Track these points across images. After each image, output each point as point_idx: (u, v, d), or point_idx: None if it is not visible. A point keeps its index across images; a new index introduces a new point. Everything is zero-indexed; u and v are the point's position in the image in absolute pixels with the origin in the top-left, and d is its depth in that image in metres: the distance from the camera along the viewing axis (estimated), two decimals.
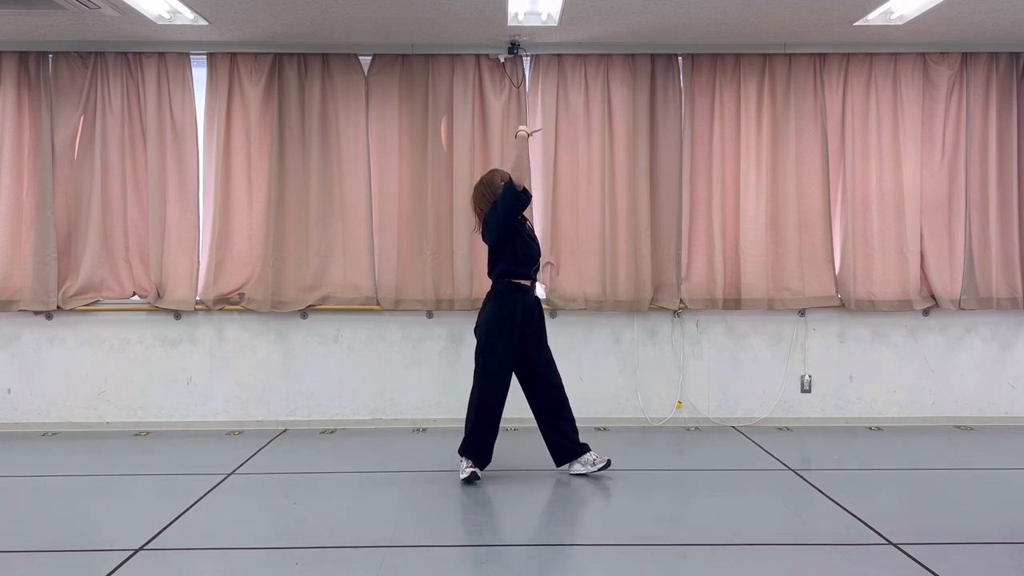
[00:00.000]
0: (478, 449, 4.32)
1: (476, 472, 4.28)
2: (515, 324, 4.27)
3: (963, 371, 5.64)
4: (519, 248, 4.29)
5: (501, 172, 4.43)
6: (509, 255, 4.29)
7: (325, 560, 3.30)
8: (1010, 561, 3.26)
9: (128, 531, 3.61)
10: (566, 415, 4.43)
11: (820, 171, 5.48)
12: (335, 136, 5.49)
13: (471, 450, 4.33)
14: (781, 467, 4.61)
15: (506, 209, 4.21)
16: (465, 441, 4.37)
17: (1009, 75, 5.54)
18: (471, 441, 4.33)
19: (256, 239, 5.45)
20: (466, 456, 4.34)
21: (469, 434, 4.35)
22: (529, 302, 4.36)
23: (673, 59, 5.52)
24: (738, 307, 5.51)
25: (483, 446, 4.33)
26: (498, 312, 4.28)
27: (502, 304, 4.29)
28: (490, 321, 4.30)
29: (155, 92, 5.42)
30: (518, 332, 4.29)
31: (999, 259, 5.52)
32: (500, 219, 4.23)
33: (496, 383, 4.31)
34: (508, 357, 4.31)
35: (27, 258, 5.40)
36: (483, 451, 4.34)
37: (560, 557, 3.37)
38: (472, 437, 4.33)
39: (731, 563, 3.26)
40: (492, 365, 4.29)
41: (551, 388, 4.42)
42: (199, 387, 5.55)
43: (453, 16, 4.82)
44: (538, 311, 4.42)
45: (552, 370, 4.44)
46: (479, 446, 4.32)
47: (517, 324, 4.28)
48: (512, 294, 4.30)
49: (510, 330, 4.27)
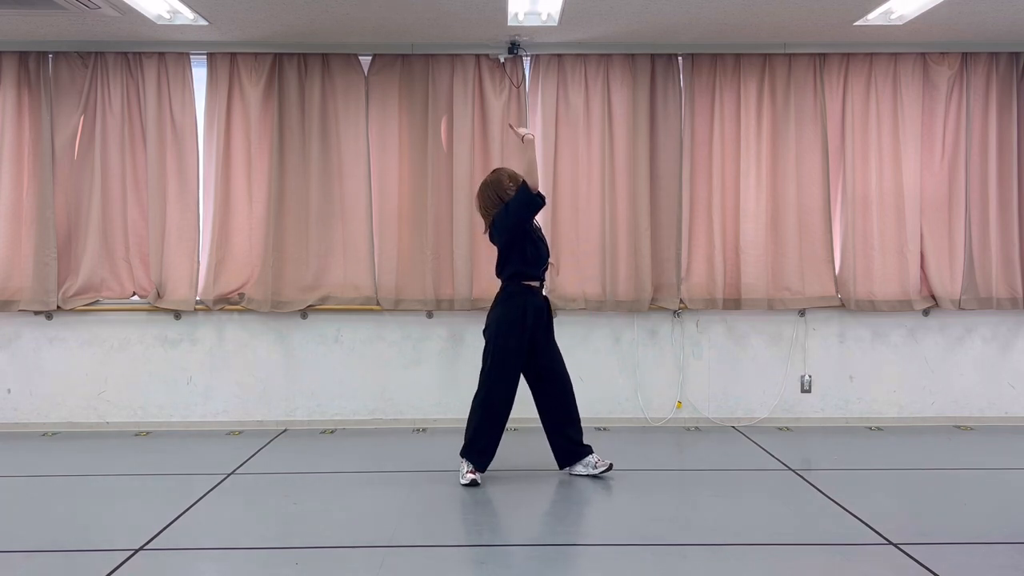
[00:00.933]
0: (481, 450, 4.29)
1: (476, 479, 4.24)
2: (526, 326, 4.24)
3: (963, 371, 5.64)
4: (529, 250, 4.26)
5: (508, 171, 4.37)
6: (519, 257, 4.25)
7: (325, 560, 3.30)
8: (1010, 561, 3.26)
9: (128, 531, 3.61)
10: (574, 416, 4.41)
11: (820, 171, 5.48)
12: (335, 136, 5.49)
13: (473, 452, 4.29)
14: (781, 467, 4.61)
15: (519, 212, 4.16)
16: (467, 443, 4.33)
17: (1009, 75, 5.54)
18: (474, 443, 4.29)
19: (256, 239, 5.45)
20: (468, 458, 4.30)
21: (472, 435, 4.30)
22: (539, 303, 4.33)
23: (673, 59, 5.52)
24: (738, 307, 5.51)
25: (486, 447, 4.29)
26: (509, 314, 4.24)
27: (513, 307, 4.25)
28: (500, 323, 4.25)
29: (155, 92, 5.42)
30: (528, 334, 4.26)
31: (999, 259, 5.52)
32: (513, 222, 4.19)
33: (504, 385, 4.28)
34: (518, 360, 4.28)
35: (27, 258, 5.39)
36: (486, 452, 4.29)
37: (560, 557, 3.37)
38: (475, 438, 4.29)
39: (731, 563, 3.26)
40: (501, 368, 4.25)
41: (560, 386, 4.39)
42: (199, 387, 5.55)
43: (453, 16, 4.82)
44: (547, 312, 4.40)
45: (561, 368, 4.41)
46: (482, 447, 4.28)
47: (528, 327, 4.25)
48: (523, 296, 4.27)
49: (520, 332, 4.23)
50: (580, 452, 4.43)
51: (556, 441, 4.43)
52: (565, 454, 4.43)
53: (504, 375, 4.26)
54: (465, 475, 4.25)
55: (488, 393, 4.29)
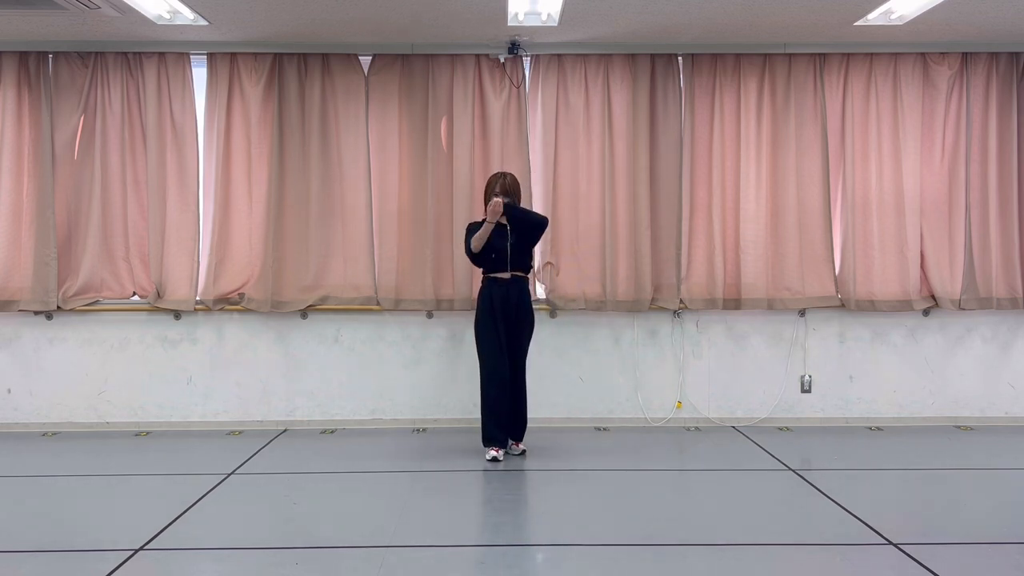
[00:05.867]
0: (485, 436, 4.71)
1: (497, 456, 4.65)
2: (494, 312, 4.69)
3: (963, 371, 5.64)
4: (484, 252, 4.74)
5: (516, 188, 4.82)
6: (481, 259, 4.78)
7: (325, 560, 3.30)
8: (1010, 561, 3.26)
9: (128, 531, 3.61)
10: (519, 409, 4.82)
11: (820, 171, 5.48)
12: (335, 136, 5.49)
13: (483, 437, 4.73)
14: (781, 467, 4.61)
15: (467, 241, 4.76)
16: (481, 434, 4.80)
17: (1009, 75, 5.54)
18: (482, 431, 4.73)
19: (256, 239, 5.45)
20: (483, 444, 4.73)
21: (481, 426, 4.76)
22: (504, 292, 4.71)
23: (673, 59, 5.52)
24: (738, 307, 5.51)
25: (485, 431, 4.71)
26: (477, 306, 4.80)
27: (479, 298, 4.80)
28: (475, 316, 4.82)
29: (155, 92, 5.42)
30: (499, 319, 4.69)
31: (999, 259, 5.52)
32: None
33: (486, 372, 4.70)
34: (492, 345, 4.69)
35: (27, 258, 5.39)
36: (488, 437, 4.69)
37: (560, 557, 3.37)
38: (482, 428, 4.74)
39: (731, 563, 3.26)
40: (481, 356, 4.74)
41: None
42: (199, 387, 5.55)
43: (453, 16, 4.82)
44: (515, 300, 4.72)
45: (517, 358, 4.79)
46: (483, 432, 4.72)
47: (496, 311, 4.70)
48: (488, 287, 4.76)
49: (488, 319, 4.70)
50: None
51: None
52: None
53: (484, 362, 4.72)
54: (488, 453, 4.70)
55: (480, 382, 4.75)
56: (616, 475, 4.42)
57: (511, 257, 4.70)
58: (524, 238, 4.73)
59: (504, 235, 4.69)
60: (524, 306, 4.76)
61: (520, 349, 4.79)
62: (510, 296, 4.71)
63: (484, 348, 4.71)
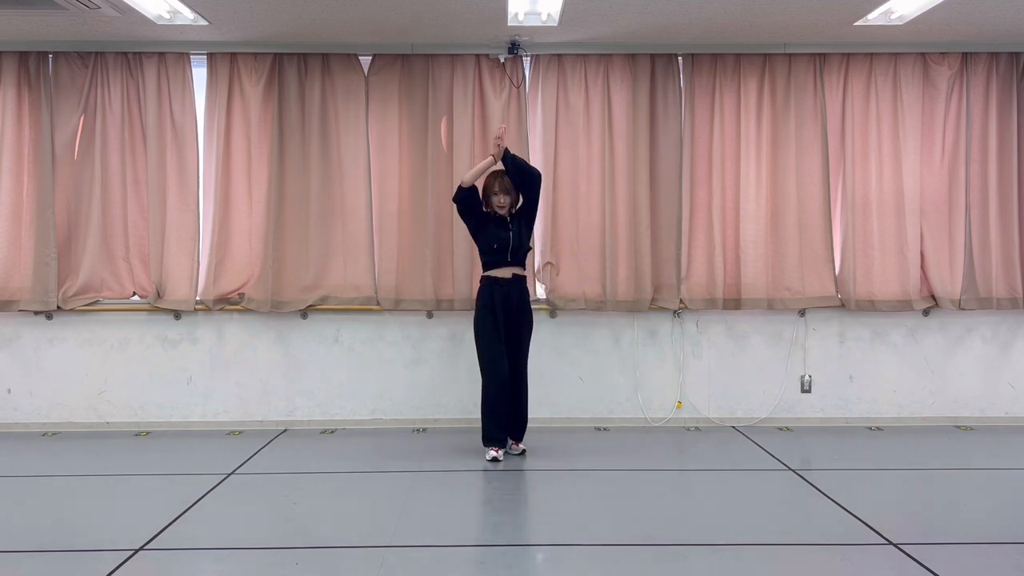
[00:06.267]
0: (485, 436, 4.71)
1: (497, 456, 4.64)
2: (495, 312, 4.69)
3: (963, 371, 5.64)
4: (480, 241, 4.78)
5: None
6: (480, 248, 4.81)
7: (325, 560, 3.30)
8: (1010, 561, 3.26)
9: (128, 531, 3.61)
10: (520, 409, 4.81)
11: (820, 171, 5.48)
12: (335, 136, 5.49)
13: (483, 437, 4.73)
14: (781, 467, 4.61)
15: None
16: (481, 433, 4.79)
17: (1009, 75, 5.54)
18: (482, 431, 4.73)
19: (256, 239, 5.45)
20: (483, 444, 4.73)
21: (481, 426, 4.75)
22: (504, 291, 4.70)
23: (673, 59, 5.52)
24: (738, 307, 5.51)
25: (485, 431, 4.71)
26: (477, 304, 4.79)
27: (479, 297, 4.78)
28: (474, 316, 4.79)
29: (155, 92, 5.42)
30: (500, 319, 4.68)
31: (999, 259, 5.52)
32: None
33: (487, 372, 4.68)
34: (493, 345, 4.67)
35: (27, 258, 5.39)
36: (488, 437, 4.69)
37: (560, 557, 3.37)
38: (482, 428, 4.74)
39: (731, 563, 3.26)
40: (481, 355, 4.73)
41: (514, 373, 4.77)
42: (199, 387, 5.55)
43: (453, 16, 4.82)
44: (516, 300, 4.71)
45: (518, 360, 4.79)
46: (483, 432, 4.72)
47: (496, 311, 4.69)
48: (488, 286, 4.74)
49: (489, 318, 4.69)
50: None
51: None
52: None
53: (484, 362, 4.70)
54: (488, 453, 4.68)
55: (481, 381, 4.74)
56: (616, 475, 4.42)
57: (512, 247, 4.69)
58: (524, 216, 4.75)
59: (505, 225, 4.70)
60: (524, 306, 4.77)
61: (521, 349, 4.79)
62: (511, 296, 4.71)
63: (484, 348, 4.70)
